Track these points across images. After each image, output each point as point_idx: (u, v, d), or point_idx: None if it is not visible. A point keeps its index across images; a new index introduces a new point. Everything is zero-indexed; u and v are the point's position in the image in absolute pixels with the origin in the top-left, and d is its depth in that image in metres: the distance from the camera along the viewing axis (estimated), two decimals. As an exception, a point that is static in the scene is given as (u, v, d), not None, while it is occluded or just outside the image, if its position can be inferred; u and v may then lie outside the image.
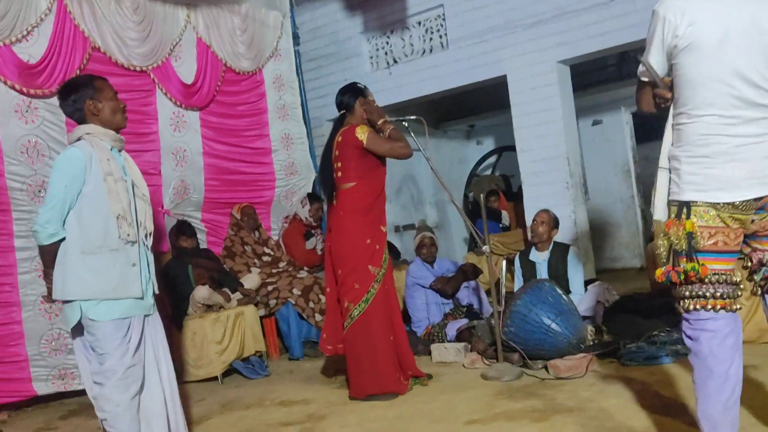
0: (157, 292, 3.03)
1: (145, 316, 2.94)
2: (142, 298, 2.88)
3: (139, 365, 2.85)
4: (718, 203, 2.11)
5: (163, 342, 3.04)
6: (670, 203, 2.23)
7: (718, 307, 2.14)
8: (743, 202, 2.09)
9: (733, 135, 2.07)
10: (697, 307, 2.16)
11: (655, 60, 2.20)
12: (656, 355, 3.88)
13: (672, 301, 5.35)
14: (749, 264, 2.28)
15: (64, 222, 2.78)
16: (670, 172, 2.22)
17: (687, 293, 2.19)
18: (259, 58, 6.39)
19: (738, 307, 2.17)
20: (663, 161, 2.25)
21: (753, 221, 2.14)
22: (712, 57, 2.06)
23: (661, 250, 2.20)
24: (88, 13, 4.98)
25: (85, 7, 4.97)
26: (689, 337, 2.23)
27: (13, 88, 4.51)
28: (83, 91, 2.90)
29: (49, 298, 2.94)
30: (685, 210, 2.14)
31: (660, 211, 2.25)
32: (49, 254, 2.83)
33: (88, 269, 2.77)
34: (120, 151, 2.98)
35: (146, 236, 2.99)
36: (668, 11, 2.12)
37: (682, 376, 3.50)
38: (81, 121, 2.92)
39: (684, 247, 2.13)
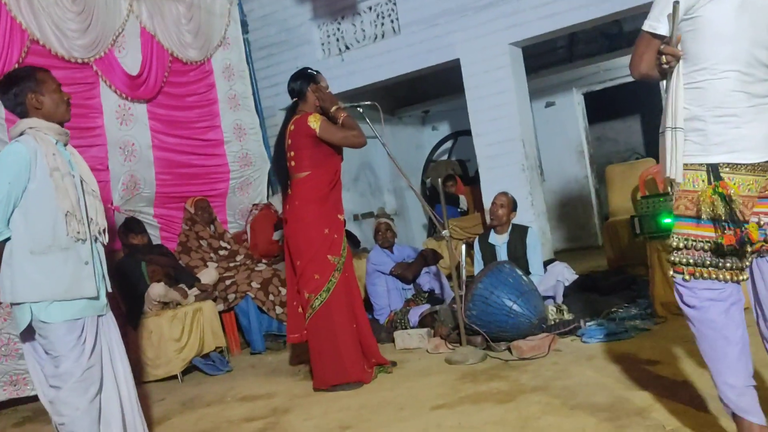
0: (110, 290, 2.93)
1: (99, 316, 2.83)
2: (96, 298, 2.79)
3: (96, 366, 2.76)
4: (747, 164, 2.05)
5: (119, 342, 2.94)
6: (688, 166, 2.11)
7: (728, 277, 2.09)
8: (765, 163, 2.06)
9: (753, 94, 2.04)
10: (708, 276, 2.09)
11: (668, 14, 2.07)
12: (616, 332, 3.93)
13: (628, 278, 5.43)
14: None
15: (9, 221, 2.66)
16: (675, 131, 2.10)
17: (685, 260, 2.12)
18: (207, 47, 6.23)
19: (744, 277, 2.12)
20: (674, 121, 2.10)
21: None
22: (739, 10, 2.01)
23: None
24: (24, 4, 4.75)
25: (21, -2, 4.75)
26: (692, 307, 2.16)
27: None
28: (24, 84, 2.78)
29: None
30: (712, 173, 2.05)
31: (679, 173, 2.10)
32: None
33: (37, 270, 2.66)
34: (66, 145, 2.86)
35: (99, 233, 2.89)
36: None
37: (642, 350, 3.55)
38: (23, 115, 2.80)
39: (722, 212, 2.03)
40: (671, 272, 2.19)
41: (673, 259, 2.17)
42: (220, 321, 5.19)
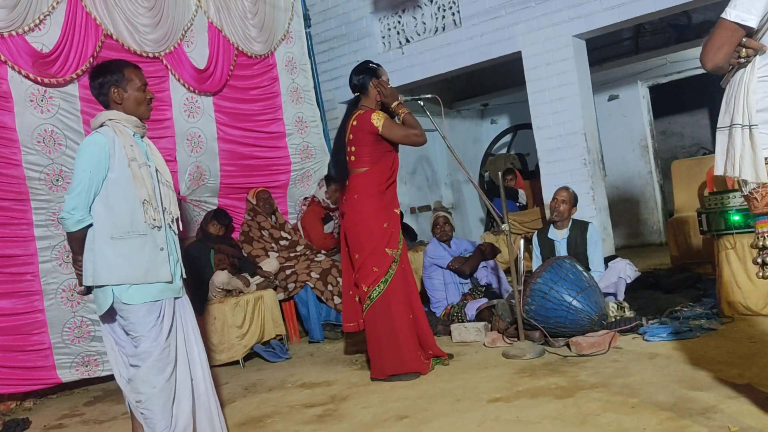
0: (184, 276, 3.05)
1: (175, 298, 2.96)
2: (171, 282, 2.91)
3: (172, 346, 2.89)
4: None
5: (194, 324, 3.06)
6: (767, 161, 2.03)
7: None
8: None
9: None
10: None
11: (760, 6, 1.99)
12: (680, 330, 3.85)
13: (693, 276, 5.30)
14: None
15: (91, 208, 2.80)
16: (748, 129, 2.04)
17: None
18: (271, 41, 6.35)
19: None
20: (748, 118, 2.03)
21: None
22: None
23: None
24: (99, 0, 4.96)
25: (96, -6, 4.95)
26: None
27: (27, 77, 4.51)
28: (110, 77, 2.90)
29: (83, 287, 2.92)
30: None
31: (762, 170, 2.03)
32: (77, 241, 2.84)
33: (117, 254, 2.79)
34: (142, 137, 2.99)
35: (172, 221, 3.01)
36: None
37: (707, 350, 3.47)
38: (105, 105, 2.94)
39: None
40: (760, 273, 2.12)
41: (760, 260, 2.11)
42: (280, 310, 5.31)
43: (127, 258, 2.80)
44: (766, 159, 2.04)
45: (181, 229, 3.07)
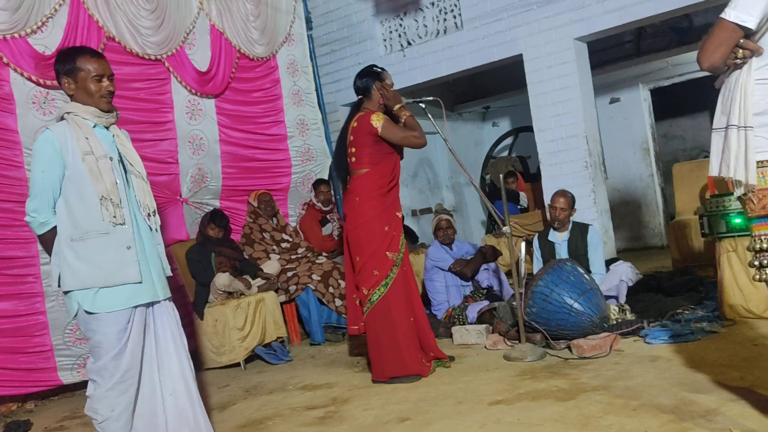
0: (168, 274, 2.85)
1: (151, 304, 2.75)
2: (141, 283, 2.67)
3: (136, 365, 2.66)
4: None
5: (175, 332, 2.82)
6: (763, 163, 2.05)
7: None
8: None
9: None
10: None
11: (756, 9, 1.99)
12: (681, 333, 3.84)
13: (694, 279, 5.29)
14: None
15: (55, 209, 2.64)
16: (744, 130, 2.04)
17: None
18: (273, 44, 6.36)
19: None
20: (743, 119, 2.04)
21: None
22: None
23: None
24: (101, 2, 4.97)
25: (98, -3, 4.96)
26: None
27: (29, 79, 4.51)
28: (61, 66, 2.69)
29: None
30: None
31: (753, 173, 2.04)
32: (47, 243, 2.68)
33: (76, 257, 2.59)
34: (108, 127, 2.77)
35: (149, 215, 2.79)
36: None
37: (708, 353, 3.47)
38: (68, 95, 2.73)
39: None
40: (757, 276, 2.12)
41: (757, 263, 2.11)
42: (282, 312, 5.31)
43: (87, 260, 2.59)
44: (759, 162, 2.04)
45: (158, 222, 2.84)
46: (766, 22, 2.02)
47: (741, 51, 2.01)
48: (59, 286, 2.65)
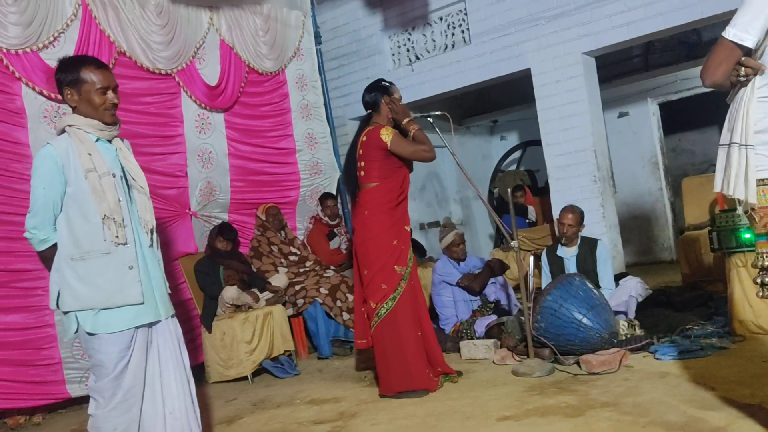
0: (169, 292, 2.78)
1: (153, 324, 2.67)
2: (143, 303, 2.59)
3: (139, 384, 2.60)
4: None
5: (175, 350, 2.74)
6: (764, 181, 2.05)
7: None
8: None
9: None
10: None
11: (757, 26, 1.99)
12: (691, 349, 3.81)
13: (704, 295, 5.25)
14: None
15: (56, 226, 2.57)
16: (745, 148, 2.04)
17: None
18: (282, 58, 6.41)
19: None
20: (744, 137, 2.04)
21: None
22: None
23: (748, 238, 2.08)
24: (113, 18, 5.03)
25: (110, 12, 5.02)
26: None
27: (41, 93, 4.56)
28: (63, 76, 2.58)
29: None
30: None
31: (753, 192, 2.04)
32: (47, 260, 2.60)
33: (76, 277, 2.51)
34: (111, 140, 2.68)
35: (149, 232, 2.70)
36: None
37: (719, 369, 3.44)
38: (70, 107, 2.63)
39: None
40: (760, 293, 2.11)
41: (759, 280, 2.10)
42: (289, 325, 5.31)
43: (88, 281, 2.50)
44: (758, 181, 2.04)
45: (152, 242, 2.71)
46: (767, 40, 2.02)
47: (743, 69, 2.02)
48: (57, 306, 2.57)
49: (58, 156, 2.52)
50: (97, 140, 2.63)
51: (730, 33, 2.05)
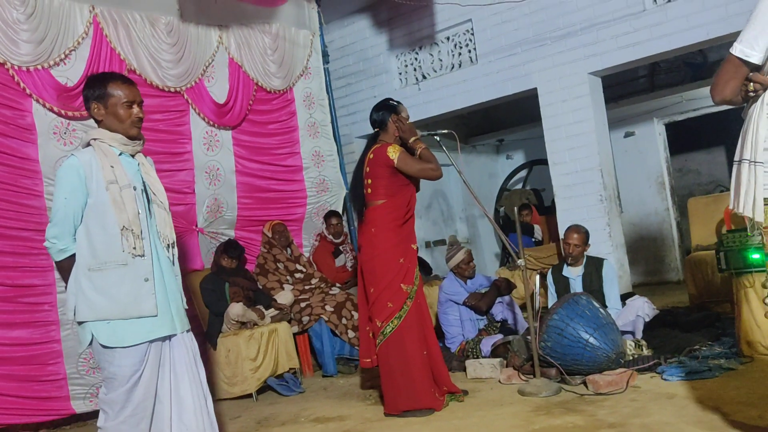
0: (185, 307, 2.81)
1: (168, 337, 2.69)
2: (156, 316, 2.62)
3: (150, 398, 2.60)
4: None
5: (191, 364, 2.74)
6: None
7: None
8: None
9: None
10: None
11: (762, 43, 1.99)
12: (698, 370, 3.79)
13: (711, 315, 5.22)
14: None
15: (75, 236, 2.61)
16: (754, 165, 2.04)
17: None
18: (290, 77, 6.46)
19: None
20: (753, 154, 2.03)
21: None
22: None
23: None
24: (123, 36, 5.09)
25: (121, 31, 5.08)
26: None
27: (51, 110, 4.61)
28: (92, 92, 2.67)
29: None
30: None
31: (759, 210, 2.04)
32: (65, 271, 2.64)
33: (93, 288, 2.55)
34: (134, 155, 2.76)
35: (168, 247, 2.75)
36: None
37: (726, 391, 3.41)
38: (96, 122, 2.72)
39: None
40: None
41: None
42: (294, 343, 5.30)
43: (104, 292, 2.54)
44: (766, 200, 2.03)
45: (176, 254, 2.78)
46: None
47: (752, 84, 2.02)
48: (74, 315, 2.60)
49: (81, 167, 2.59)
50: (120, 154, 2.70)
51: (737, 49, 2.05)
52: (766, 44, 2.01)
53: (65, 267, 2.64)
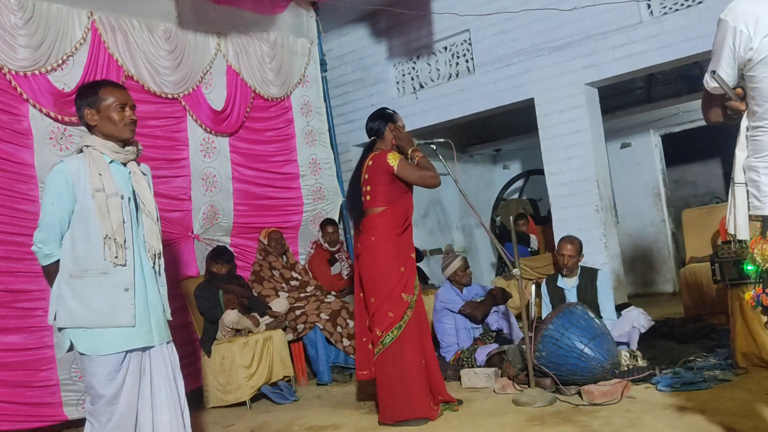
0: (169, 318, 2.79)
1: (147, 348, 2.67)
2: (134, 327, 2.59)
3: (132, 411, 2.59)
4: None
5: (169, 377, 2.72)
6: (751, 219, 2.09)
7: None
8: None
9: None
10: None
11: (725, 72, 2.05)
12: (693, 381, 3.78)
13: (707, 326, 5.23)
14: None
15: (62, 242, 2.61)
16: (746, 186, 2.08)
17: None
18: (288, 85, 6.47)
19: None
20: (738, 175, 2.10)
21: None
22: None
23: (750, 270, 2.09)
24: (121, 42, 5.09)
25: (119, 37, 5.08)
26: None
27: (48, 115, 4.60)
28: (84, 99, 2.68)
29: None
30: (765, 225, 2.02)
31: (743, 229, 2.10)
32: (50, 276, 2.65)
33: (72, 294, 2.55)
34: (125, 164, 2.74)
35: (153, 257, 2.73)
36: (739, 21, 1.97)
37: (721, 402, 3.41)
38: (88, 129, 2.72)
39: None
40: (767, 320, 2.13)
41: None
42: (289, 350, 5.28)
43: (82, 299, 2.54)
44: (752, 216, 2.08)
45: (163, 265, 2.77)
46: (752, 85, 2.04)
47: (728, 110, 2.09)
48: (55, 320, 2.60)
49: (69, 174, 2.59)
50: (111, 162, 2.69)
51: (706, 75, 2.12)
52: (725, 75, 2.05)
53: (51, 272, 2.65)
